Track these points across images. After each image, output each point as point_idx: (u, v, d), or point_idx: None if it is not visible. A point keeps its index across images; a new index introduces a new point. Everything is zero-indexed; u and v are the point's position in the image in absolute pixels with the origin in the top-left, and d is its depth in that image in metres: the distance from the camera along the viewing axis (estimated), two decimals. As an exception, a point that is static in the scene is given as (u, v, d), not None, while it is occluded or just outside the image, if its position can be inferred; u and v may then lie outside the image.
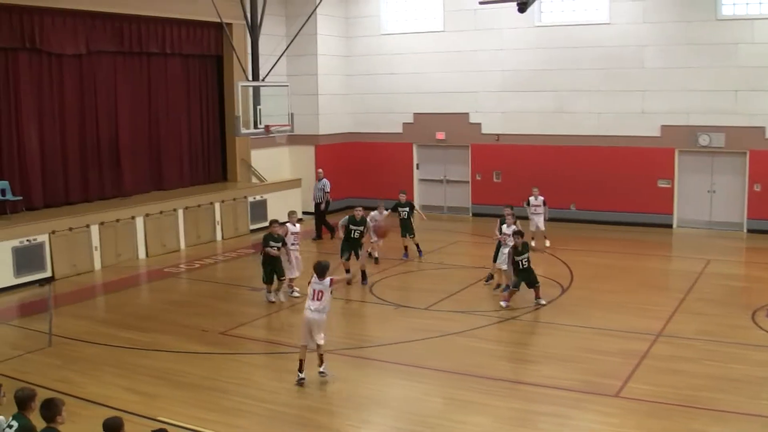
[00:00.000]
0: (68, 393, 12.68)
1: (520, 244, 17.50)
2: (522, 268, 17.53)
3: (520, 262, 17.45)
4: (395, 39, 31.32)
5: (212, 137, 29.11)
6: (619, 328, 15.98)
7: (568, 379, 13.22)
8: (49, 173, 23.51)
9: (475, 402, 12.36)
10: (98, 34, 24.31)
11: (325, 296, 13.41)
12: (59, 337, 16.01)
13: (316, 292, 13.41)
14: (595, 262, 22.25)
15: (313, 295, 13.43)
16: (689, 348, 14.75)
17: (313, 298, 13.43)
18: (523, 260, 17.45)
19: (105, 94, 25.04)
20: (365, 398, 12.83)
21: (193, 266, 22.91)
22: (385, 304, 18.28)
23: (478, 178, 30.26)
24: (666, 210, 27.02)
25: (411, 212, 23.43)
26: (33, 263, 20.76)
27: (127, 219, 23.39)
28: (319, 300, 13.40)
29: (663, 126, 26.62)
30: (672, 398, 12.24)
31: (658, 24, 26.33)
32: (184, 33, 27.08)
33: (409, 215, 23.23)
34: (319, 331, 13.43)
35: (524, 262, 17.45)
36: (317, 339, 13.42)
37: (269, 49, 25.36)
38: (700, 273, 20.75)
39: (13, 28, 21.94)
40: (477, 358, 14.44)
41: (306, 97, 30.59)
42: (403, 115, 31.43)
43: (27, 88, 22.73)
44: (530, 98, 28.74)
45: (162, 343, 15.64)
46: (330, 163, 31.12)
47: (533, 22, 28.29)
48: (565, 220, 28.04)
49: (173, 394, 12.89)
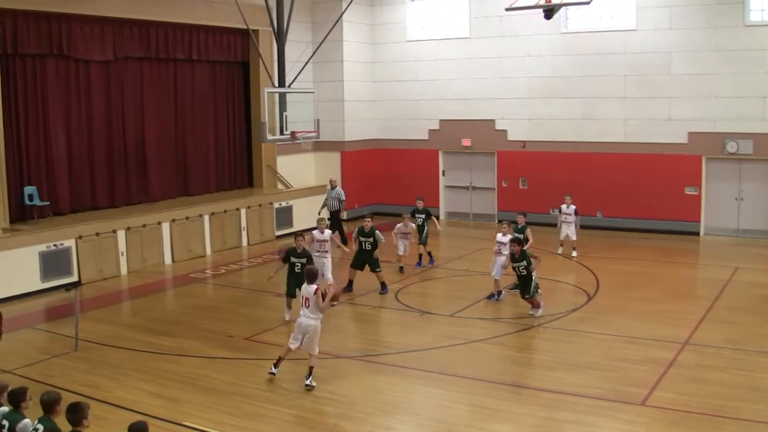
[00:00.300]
0: (94, 397, 12.78)
1: (518, 252, 17.37)
2: (520, 274, 17.43)
3: (518, 269, 17.33)
4: (421, 45, 31.34)
5: (238, 143, 29.23)
6: (646, 336, 15.87)
7: (594, 387, 13.14)
8: (76, 178, 23.68)
9: (501, 409, 12.31)
10: (125, 40, 24.50)
11: (310, 303, 13.57)
12: (85, 342, 16.10)
13: (305, 299, 13.69)
14: (621, 270, 22.12)
15: (304, 302, 13.72)
16: (716, 357, 14.62)
17: (303, 304, 13.73)
18: (520, 267, 17.26)
19: (132, 100, 25.21)
20: (390, 405, 12.80)
21: (219, 272, 22.98)
22: (410, 310, 18.24)
23: (503, 184, 30.19)
24: (693, 217, 26.83)
25: (427, 219, 22.97)
26: (60, 268, 20.90)
27: (154, 224, 23.50)
28: (308, 307, 13.60)
29: (690, 133, 26.45)
30: (698, 407, 12.13)
31: (685, 30, 26.18)
32: (211, 39, 27.23)
33: (424, 222, 22.89)
34: (311, 339, 13.60)
35: (521, 269, 17.27)
36: (309, 348, 13.59)
37: (295, 55, 25.42)
38: (728, 281, 20.57)
39: (42, 34, 22.14)
40: (502, 366, 14.40)
41: (332, 103, 30.67)
42: (429, 122, 31.43)
43: (55, 94, 22.92)
44: (556, 105, 28.67)
45: (187, 348, 15.69)
46: (355, 169, 31.22)
47: (559, 29, 28.22)
48: (591, 228, 27.91)
49: (198, 399, 12.92)
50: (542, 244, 24.99)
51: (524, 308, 17.87)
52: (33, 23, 21.85)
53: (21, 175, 22.21)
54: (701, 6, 25.86)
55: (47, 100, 22.73)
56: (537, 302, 17.46)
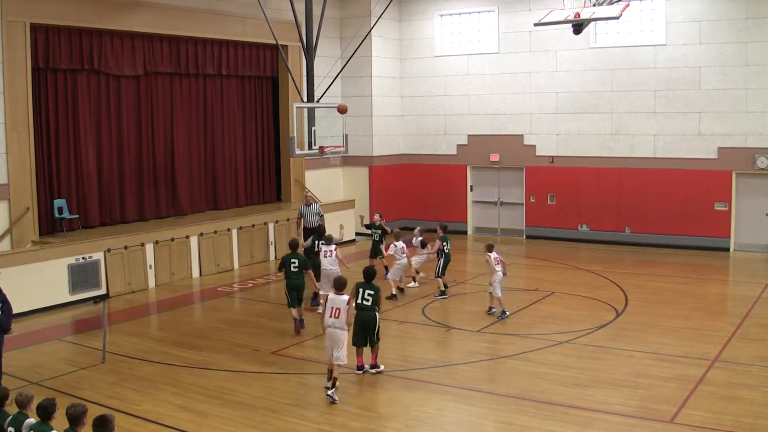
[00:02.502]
0: (121, 410, 12.84)
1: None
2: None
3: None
4: (450, 60, 31.38)
5: (267, 158, 29.34)
6: (675, 353, 15.73)
7: (622, 404, 13.03)
8: (105, 192, 23.86)
9: (529, 426, 12.22)
10: (156, 55, 24.70)
11: (341, 314, 13.85)
12: (113, 354, 16.18)
13: (334, 309, 13.89)
14: (650, 286, 21.95)
15: (331, 313, 13.91)
16: (747, 374, 14.46)
17: (330, 315, 13.92)
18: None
19: (162, 115, 25.39)
20: (419, 421, 12.74)
21: (246, 286, 23.03)
22: (437, 325, 18.20)
23: (532, 200, 30.09)
24: (723, 233, 26.61)
25: (383, 235, 23.09)
26: (88, 280, 21.04)
27: (182, 238, 23.61)
28: (337, 318, 13.84)
29: (720, 148, 26.27)
30: (729, 425, 11.99)
31: (715, 45, 26.04)
32: (241, 54, 27.38)
33: (380, 238, 23.04)
34: (339, 348, 13.79)
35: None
36: (336, 359, 13.73)
37: (324, 70, 25.52)
38: (758, 297, 20.37)
39: (74, 49, 22.37)
40: (530, 382, 14.30)
41: (360, 118, 30.75)
42: (458, 137, 31.42)
43: (86, 109, 23.12)
44: (585, 120, 28.58)
45: (214, 362, 15.72)
46: (384, 184, 31.26)
47: (588, 44, 28.15)
48: (620, 243, 27.85)
49: (225, 413, 12.92)
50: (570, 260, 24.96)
51: (554, 324, 17.83)
52: (65, 38, 22.08)
53: (51, 188, 22.42)
54: (731, 21, 25.72)
55: (78, 114, 22.94)
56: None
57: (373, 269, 15.20)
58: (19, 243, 20.62)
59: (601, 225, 28.53)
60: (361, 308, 14.56)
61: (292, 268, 17.75)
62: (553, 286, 21.65)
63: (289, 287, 17.78)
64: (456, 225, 31.02)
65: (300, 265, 17.76)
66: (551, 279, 22.42)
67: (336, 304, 13.95)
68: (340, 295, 14.07)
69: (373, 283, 14.90)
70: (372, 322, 14.61)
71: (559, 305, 19.87)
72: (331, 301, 14.04)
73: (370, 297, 14.66)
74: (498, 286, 18.80)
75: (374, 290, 14.72)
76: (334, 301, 14.00)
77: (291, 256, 17.92)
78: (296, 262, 17.79)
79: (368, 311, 14.57)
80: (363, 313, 14.66)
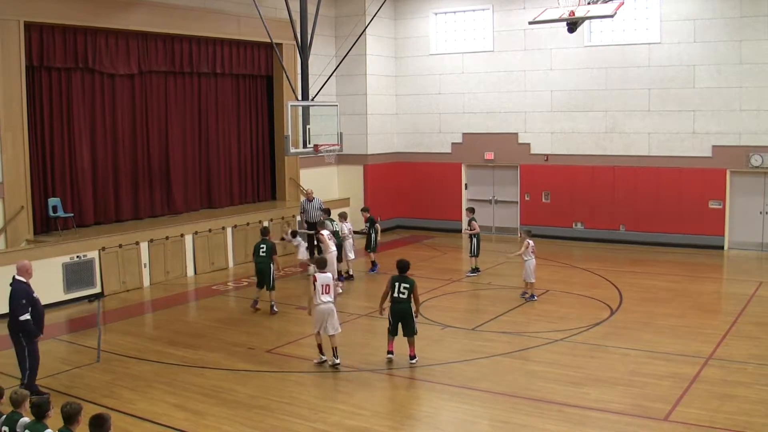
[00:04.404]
0: (117, 409, 12.84)
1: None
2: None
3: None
4: (445, 59, 31.39)
5: (262, 156, 29.34)
6: (669, 351, 15.76)
7: (617, 402, 13.05)
8: (100, 191, 23.83)
9: (524, 425, 12.24)
10: (151, 54, 24.67)
11: (331, 289, 15.31)
12: (108, 353, 16.19)
13: (324, 286, 15.13)
14: (644, 284, 21.98)
15: (323, 290, 15.12)
16: (741, 372, 14.49)
17: (323, 291, 15.12)
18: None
19: (156, 114, 25.36)
20: (414, 419, 12.78)
21: (241, 284, 23.03)
22: (433, 324, 18.19)
23: (527, 198, 30.12)
24: (717, 231, 26.66)
25: (372, 227, 24.46)
26: (83, 279, 21.04)
27: (177, 237, 23.61)
28: (329, 293, 15.21)
29: (714, 146, 26.32)
30: (723, 423, 12.02)
31: (710, 43, 26.08)
32: (235, 53, 27.37)
33: (370, 230, 24.45)
34: (333, 318, 15.17)
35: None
36: (335, 329, 15.22)
37: (319, 69, 25.53)
38: (752, 296, 20.42)
39: (68, 48, 22.33)
40: (525, 380, 14.32)
41: (355, 116, 30.75)
42: (452, 135, 31.43)
43: (80, 107, 23.09)
44: (580, 118, 28.62)
45: (210, 361, 15.72)
46: (378, 183, 31.25)
47: (583, 42, 28.18)
48: (615, 242, 27.90)
49: (221, 412, 12.92)
50: (565, 258, 24.98)
51: (549, 322, 17.87)
52: (59, 37, 22.04)
53: (46, 186, 22.38)
54: (725, 19, 25.76)
55: (73, 112, 22.90)
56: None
57: (406, 262, 15.62)
58: (13, 242, 20.57)
59: (596, 223, 28.57)
60: (398, 301, 15.22)
61: (260, 253, 19.74)
62: (547, 284, 21.67)
63: (256, 270, 19.94)
64: (450, 223, 31.08)
65: (267, 250, 19.72)
66: (546, 277, 22.43)
67: (326, 281, 15.18)
68: (324, 273, 15.37)
69: (407, 275, 15.36)
70: (408, 314, 15.26)
71: (554, 303, 19.90)
72: (321, 279, 15.13)
73: (406, 290, 15.20)
74: (533, 272, 20.08)
75: (409, 283, 15.24)
76: (324, 279, 15.18)
77: (260, 242, 20.03)
78: (264, 248, 19.76)
79: (405, 304, 15.20)
80: (400, 306, 15.24)
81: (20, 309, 13.35)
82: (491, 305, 19.94)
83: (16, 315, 13.38)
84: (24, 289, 13.51)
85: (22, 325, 13.41)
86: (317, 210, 24.87)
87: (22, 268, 13.71)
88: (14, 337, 13.61)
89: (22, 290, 13.48)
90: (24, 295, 13.44)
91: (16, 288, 13.53)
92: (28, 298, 13.50)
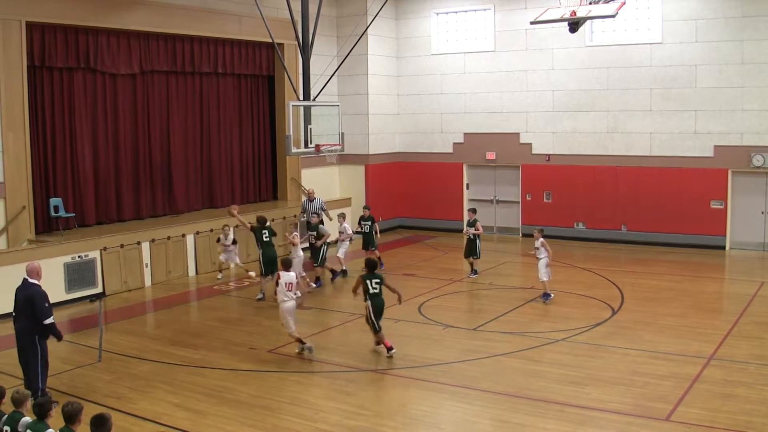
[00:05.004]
0: (118, 408, 12.85)
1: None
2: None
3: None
4: (446, 59, 31.39)
5: (263, 156, 29.34)
6: (670, 351, 15.75)
7: (618, 402, 13.05)
8: (101, 190, 23.84)
9: (525, 424, 12.24)
10: (152, 54, 24.68)
11: (294, 287, 15.93)
12: (109, 353, 16.20)
13: (288, 284, 15.83)
14: (646, 284, 21.98)
15: (288, 287, 15.83)
16: (742, 372, 14.48)
17: (288, 289, 15.83)
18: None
19: (158, 113, 25.37)
20: (415, 419, 12.77)
21: (243, 284, 23.03)
22: (434, 324, 18.20)
23: (528, 198, 30.11)
24: (719, 231, 26.65)
25: (372, 226, 24.16)
26: (84, 279, 21.04)
27: (178, 237, 23.62)
28: (292, 290, 15.88)
29: (716, 146, 26.30)
30: (724, 423, 12.01)
31: (711, 43, 26.07)
32: (237, 53, 27.37)
33: (371, 229, 24.08)
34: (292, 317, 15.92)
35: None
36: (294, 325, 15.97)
37: (320, 69, 25.52)
38: (754, 295, 20.41)
39: (69, 48, 22.34)
40: (526, 380, 14.31)
41: (356, 116, 30.75)
42: (454, 135, 31.43)
43: (82, 107, 23.10)
44: (581, 118, 28.61)
45: (212, 361, 15.72)
46: (380, 182, 31.26)
47: (585, 42, 28.17)
48: (616, 241, 27.89)
49: (222, 411, 12.93)
50: (566, 258, 24.96)
51: (551, 322, 17.87)
52: (61, 36, 22.06)
53: (47, 186, 22.39)
54: (727, 19, 25.75)
55: (74, 112, 22.91)
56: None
57: (373, 260, 16.53)
58: (15, 242, 20.58)
59: (597, 223, 28.57)
60: (375, 296, 15.89)
61: (263, 239, 20.76)
62: (549, 284, 21.64)
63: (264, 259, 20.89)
64: (452, 223, 31.05)
65: (270, 234, 21.01)
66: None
67: (289, 279, 15.87)
68: (289, 272, 16.00)
69: (375, 272, 16.17)
70: (383, 306, 16.10)
71: (555, 303, 19.88)
72: (284, 278, 15.86)
73: (378, 285, 15.91)
74: (548, 270, 20.14)
75: (379, 278, 16.04)
76: (288, 278, 15.89)
77: (261, 229, 20.90)
78: (266, 233, 20.88)
79: (380, 296, 15.99)
80: (378, 300, 15.96)
81: (46, 312, 13.20)
82: (492, 305, 19.94)
83: (41, 319, 13.16)
84: (44, 293, 13.30)
85: (49, 329, 13.30)
86: (318, 210, 24.93)
87: (32, 270, 13.44)
88: (29, 341, 13.27)
89: (42, 293, 13.27)
90: (46, 298, 13.27)
91: (36, 292, 13.24)
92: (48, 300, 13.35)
